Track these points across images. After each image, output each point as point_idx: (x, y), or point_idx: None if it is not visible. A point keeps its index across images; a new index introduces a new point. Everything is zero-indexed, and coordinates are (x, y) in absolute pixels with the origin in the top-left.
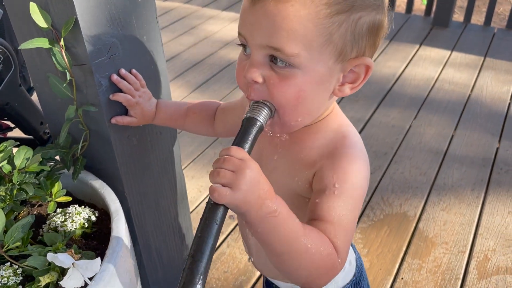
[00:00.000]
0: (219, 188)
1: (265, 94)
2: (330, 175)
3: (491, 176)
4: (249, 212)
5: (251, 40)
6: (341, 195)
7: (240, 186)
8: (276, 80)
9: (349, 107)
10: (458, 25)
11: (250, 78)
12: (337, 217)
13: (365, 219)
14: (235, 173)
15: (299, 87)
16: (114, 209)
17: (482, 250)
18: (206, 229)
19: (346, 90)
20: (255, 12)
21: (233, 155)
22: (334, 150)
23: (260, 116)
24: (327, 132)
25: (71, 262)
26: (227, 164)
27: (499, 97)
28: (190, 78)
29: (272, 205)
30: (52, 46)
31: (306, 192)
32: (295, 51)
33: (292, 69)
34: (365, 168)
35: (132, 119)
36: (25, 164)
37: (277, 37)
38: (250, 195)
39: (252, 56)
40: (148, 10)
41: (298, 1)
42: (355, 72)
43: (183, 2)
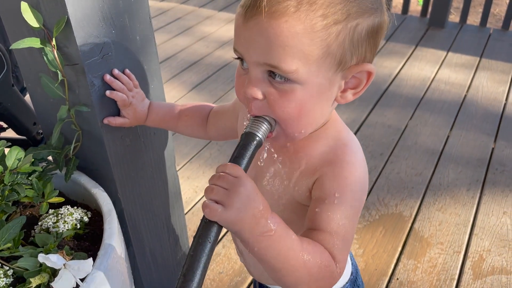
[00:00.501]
0: (211, 204)
1: (266, 109)
2: (330, 183)
3: (487, 177)
4: (243, 231)
5: (247, 57)
6: (341, 205)
7: (232, 204)
8: (276, 96)
9: (345, 107)
10: (454, 25)
11: (250, 95)
12: (336, 227)
13: (360, 219)
14: (228, 191)
15: (300, 101)
16: (106, 210)
17: (477, 250)
18: (199, 247)
19: (348, 96)
20: (249, 29)
21: (228, 172)
22: (335, 158)
23: (259, 131)
24: (328, 139)
25: (63, 263)
26: (221, 181)
27: (495, 98)
28: (186, 79)
29: (267, 224)
30: (43, 46)
31: (306, 200)
32: (292, 68)
33: (292, 84)
34: (365, 176)
35: (125, 120)
36: (17, 165)
37: (273, 54)
38: (244, 214)
39: (250, 72)
40: (142, 10)
41: (292, 16)
42: (356, 77)
43: (179, 3)
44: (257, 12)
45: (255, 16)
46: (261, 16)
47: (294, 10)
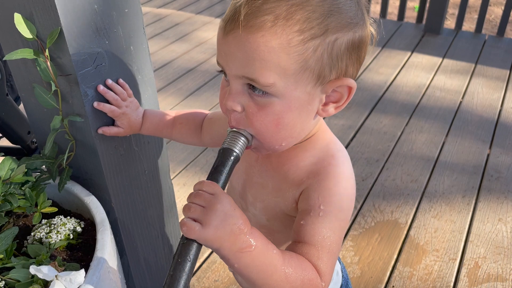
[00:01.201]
0: (188, 222)
1: (244, 121)
2: (315, 195)
3: (482, 183)
4: (222, 248)
5: (227, 70)
6: (326, 217)
7: (210, 221)
8: (254, 109)
9: (340, 114)
10: (449, 32)
11: (230, 107)
12: (321, 240)
13: (356, 227)
14: (205, 208)
15: (278, 115)
16: (99, 219)
17: (473, 257)
18: (178, 267)
19: (330, 110)
20: (228, 43)
21: (205, 190)
22: (321, 169)
23: (236, 146)
24: (315, 150)
25: (54, 275)
26: (198, 199)
27: (490, 104)
28: (183, 85)
29: (246, 240)
30: (37, 56)
31: (292, 211)
32: (269, 81)
33: (270, 97)
34: (351, 189)
35: (119, 129)
36: (10, 175)
37: (250, 67)
38: (222, 231)
39: (230, 85)
40: (135, 20)
41: (269, 31)
42: (338, 91)
43: (176, 9)
44: (235, 26)
45: (233, 30)
46: (239, 31)
47: (270, 25)
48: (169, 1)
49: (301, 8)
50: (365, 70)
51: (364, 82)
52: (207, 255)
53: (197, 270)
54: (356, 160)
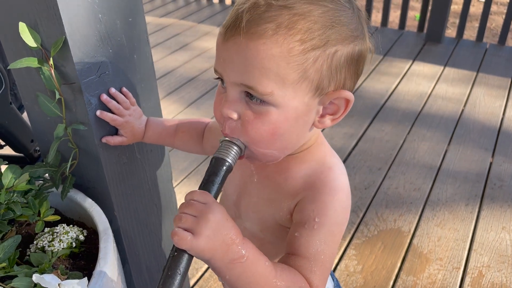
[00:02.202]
0: (179, 231)
1: (238, 130)
2: (310, 208)
3: (485, 191)
4: (214, 259)
5: (225, 77)
6: (320, 230)
7: (202, 231)
8: (251, 117)
9: (343, 122)
10: (450, 40)
11: (226, 114)
12: (315, 253)
13: (359, 235)
14: (197, 218)
15: (274, 124)
16: (102, 228)
17: (477, 266)
18: (169, 280)
19: (327, 122)
20: (228, 49)
21: (197, 199)
22: (317, 181)
23: (228, 156)
24: (311, 162)
25: (57, 283)
26: (189, 209)
27: (492, 112)
28: (185, 94)
29: (238, 251)
30: (41, 65)
31: (287, 222)
32: (268, 90)
33: (267, 106)
34: (347, 202)
35: (123, 138)
36: (13, 183)
37: (249, 75)
38: (214, 241)
39: (228, 92)
40: (139, 29)
41: (270, 39)
42: (335, 104)
43: (178, 18)
44: (236, 32)
45: (234, 37)
46: (240, 37)
47: (272, 33)
48: (171, 11)
49: (303, 18)
50: (367, 79)
51: (366, 90)
52: None
53: (198, 280)
54: (358, 168)
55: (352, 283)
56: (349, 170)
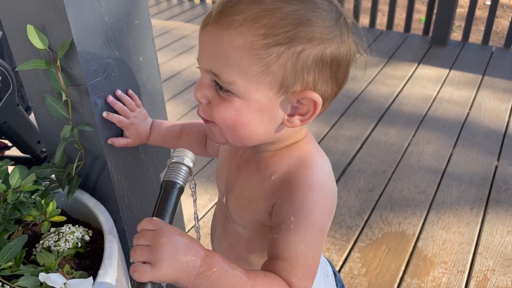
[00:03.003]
0: (138, 266)
1: (208, 114)
2: (286, 207)
3: (490, 195)
4: (181, 280)
5: (200, 63)
6: (298, 230)
7: (159, 259)
8: (217, 101)
9: (347, 126)
10: (456, 43)
11: (196, 97)
12: (294, 254)
13: (363, 238)
14: (151, 247)
15: (237, 112)
16: (107, 228)
17: (482, 270)
18: None
19: (295, 121)
20: (202, 37)
21: (146, 228)
22: (294, 178)
23: (178, 177)
24: (291, 159)
25: (63, 282)
26: (141, 240)
27: (498, 116)
28: (190, 96)
29: (202, 264)
30: (48, 67)
31: (267, 221)
32: (230, 79)
33: (231, 95)
34: (324, 199)
35: (128, 140)
36: (20, 183)
37: (215, 63)
38: (174, 264)
39: (201, 77)
40: (145, 32)
41: (235, 30)
42: (304, 104)
43: (184, 22)
44: (209, 21)
45: (206, 26)
46: (210, 26)
47: (238, 25)
48: (176, 14)
49: (271, 14)
50: (372, 82)
51: (371, 93)
52: None
53: None
54: (363, 171)
55: (356, 286)
56: (353, 173)
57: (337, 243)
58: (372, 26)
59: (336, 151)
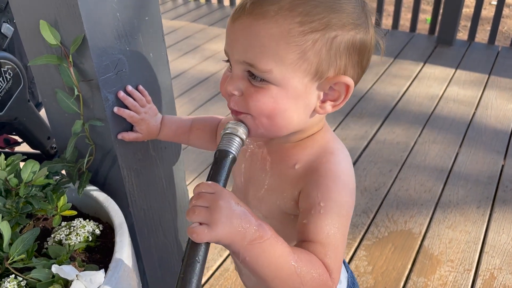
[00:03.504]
0: (196, 228)
1: (242, 104)
2: (314, 193)
3: (497, 194)
4: (233, 243)
5: (231, 56)
6: (327, 214)
7: (217, 220)
8: (252, 91)
9: (353, 124)
10: (462, 43)
11: (229, 90)
12: (326, 237)
13: (369, 236)
14: (209, 208)
15: (274, 99)
16: (118, 223)
17: (488, 268)
18: (188, 269)
19: (327, 107)
20: (234, 30)
21: (205, 191)
22: (319, 166)
23: (231, 147)
24: (314, 148)
25: (75, 274)
26: (200, 201)
27: (504, 115)
28: (196, 95)
29: (256, 232)
30: (60, 62)
31: (291, 209)
32: (267, 67)
33: (267, 84)
34: (351, 185)
35: (138, 134)
36: (32, 178)
37: (250, 53)
38: (230, 227)
39: (232, 70)
40: (155, 28)
41: (271, 19)
42: (336, 90)
43: (189, 21)
44: (241, 14)
45: (240, 18)
46: (244, 17)
47: (273, 14)
48: (182, 13)
49: (304, 2)
50: (378, 81)
51: (377, 92)
52: (220, 263)
53: (209, 278)
54: (369, 170)
55: (363, 283)
56: (359, 172)
57: None
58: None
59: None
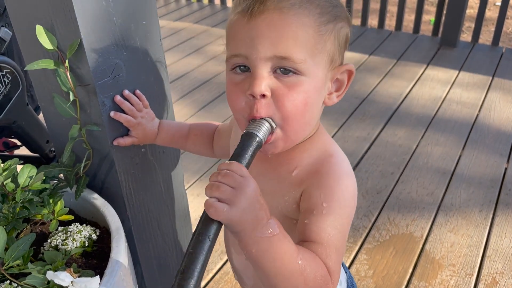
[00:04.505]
0: (216, 203)
1: (272, 108)
2: (317, 194)
3: (500, 197)
4: (244, 232)
5: (254, 54)
6: (329, 215)
7: (239, 204)
8: (284, 90)
9: (355, 126)
10: (466, 45)
11: (259, 92)
12: (327, 238)
13: (370, 240)
14: (235, 190)
15: (307, 93)
16: (114, 227)
17: (490, 273)
18: (199, 245)
19: (333, 98)
20: (256, 27)
21: (235, 171)
22: (321, 168)
23: (260, 132)
24: (313, 150)
25: (70, 280)
26: (227, 179)
27: (507, 117)
28: (198, 97)
29: (268, 226)
30: (57, 67)
31: (293, 214)
32: (302, 57)
33: (298, 76)
34: (352, 186)
35: (133, 139)
36: (29, 182)
37: (283, 45)
38: (248, 214)
39: (255, 71)
40: (153, 32)
41: (299, 11)
42: (339, 80)
43: (192, 22)
44: (264, 9)
45: (263, 13)
46: (269, 12)
47: (298, 7)
48: (185, 15)
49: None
50: (380, 82)
51: (379, 94)
52: (220, 266)
53: (209, 281)
54: (371, 172)
55: (363, 287)
56: (361, 174)
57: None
58: (381, 27)
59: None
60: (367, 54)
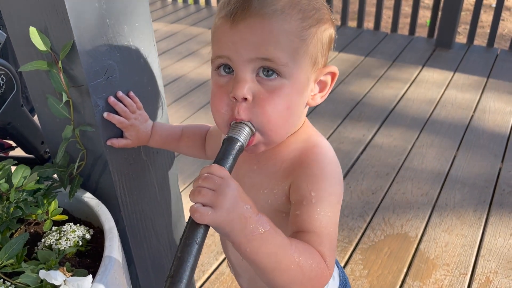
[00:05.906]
0: (200, 208)
1: (253, 111)
2: (304, 184)
3: (494, 197)
4: (233, 232)
5: (236, 57)
6: (318, 203)
7: (221, 205)
8: (265, 94)
9: (350, 128)
10: (461, 46)
11: (241, 95)
12: (319, 226)
13: (365, 240)
14: (215, 192)
15: (288, 97)
16: (108, 227)
17: (484, 272)
18: (186, 249)
19: (317, 99)
20: (239, 31)
21: (214, 173)
22: (306, 158)
23: (240, 136)
24: (298, 143)
25: (63, 279)
26: (207, 183)
27: (502, 118)
28: (194, 99)
29: (256, 223)
30: (50, 68)
31: (284, 207)
32: (284, 61)
33: (281, 79)
34: (337, 172)
35: (127, 141)
36: (23, 183)
37: (266, 48)
38: (233, 214)
39: (238, 74)
40: (146, 34)
41: (280, 17)
42: (322, 81)
43: (189, 25)
44: (247, 15)
45: (245, 19)
46: (251, 18)
47: (280, 13)
48: (182, 17)
49: (298, 3)
50: (376, 84)
51: (375, 96)
52: (216, 267)
53: (205, 281)
54: (366, 173)
55: (358, 287)
56: (356, 175)
57: (339, 245)
58: (377, 28)
59: (339, 153)
60: (363, 56)
